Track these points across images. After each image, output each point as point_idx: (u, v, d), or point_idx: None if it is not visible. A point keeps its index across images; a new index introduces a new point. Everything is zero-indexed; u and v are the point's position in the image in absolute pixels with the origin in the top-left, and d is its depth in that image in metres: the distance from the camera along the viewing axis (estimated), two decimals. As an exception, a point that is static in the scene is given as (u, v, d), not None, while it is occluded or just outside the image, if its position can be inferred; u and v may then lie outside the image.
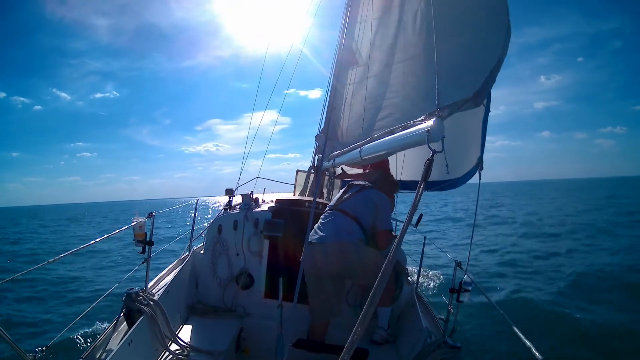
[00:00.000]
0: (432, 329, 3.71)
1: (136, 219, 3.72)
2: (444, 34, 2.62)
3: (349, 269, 3.79)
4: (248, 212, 4.64)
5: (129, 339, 2.99)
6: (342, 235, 3.74)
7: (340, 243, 3.71)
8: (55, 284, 12.84)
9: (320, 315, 3.89)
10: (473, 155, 4.54)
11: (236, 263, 4.58)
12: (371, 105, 4.00)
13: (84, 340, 7.14)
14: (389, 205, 4.11)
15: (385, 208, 3.99)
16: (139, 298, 3.39)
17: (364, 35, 4.70)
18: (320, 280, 3.77)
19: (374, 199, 3.94)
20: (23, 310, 10.10)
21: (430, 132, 1.80)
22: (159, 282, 4.52)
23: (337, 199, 4.16)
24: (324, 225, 3.87)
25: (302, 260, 3.83)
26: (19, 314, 9.83)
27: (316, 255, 3.75)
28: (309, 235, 3.80)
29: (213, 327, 4.11)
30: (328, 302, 3.83)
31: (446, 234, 22.46)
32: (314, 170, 6.25)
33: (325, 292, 3.79)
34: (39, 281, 12.74)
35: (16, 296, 11.20)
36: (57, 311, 10.04)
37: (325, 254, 3.70)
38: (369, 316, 1.52)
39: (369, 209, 3.90)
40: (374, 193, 4.00)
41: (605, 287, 10.37)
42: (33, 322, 9.22)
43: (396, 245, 1.61)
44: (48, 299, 11.26)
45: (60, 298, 11.29)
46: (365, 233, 3.84)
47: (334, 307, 3.88)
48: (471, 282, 3.40)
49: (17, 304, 10.68)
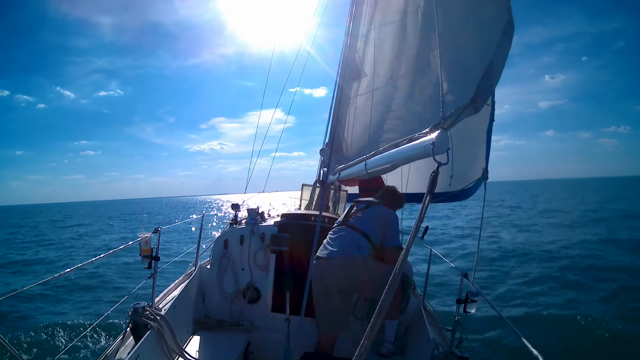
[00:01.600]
0: (440, 340, 3.70)
1: (142, 234, 3.74)
2: (448, 46, 2.64)
3: (358, 284, 3.78)
4: (254, 227, 4.65)
5: (135, 354, 2.99)
6: (352, 250, 3.76)
7: (350, 258, 3.72)
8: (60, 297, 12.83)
9: (327, 329, 3.87)
10: (478, 165, 4.54)
11: (242, 277, 4.59)
12: (376, 118, 4.02)
13: (91, 355, 7.13)
14: (397, 221, 4.13)
15: (394, 224, 4.02)
16: (145, 313, 3.40)
17: (366, 48, 4.74)
18: (329, 295, 3.76)
19: (383, 215, 3.96)
20: (25, 324, 10.09)
21: (435, 145, 1.81)
22: (165, 297, 4.53)
23: (345, 216, 4.18)
24: (334, 241, 3.88)
25: (311, 275, 3.83)
26: (22, 326, 9.82)
27: (325, 269, 3.75)
28: (314, 250, 3.80)
29: (220, 341, 4.11)
30: (336, 316, 3.82)
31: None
32: (320, 184, 6.27)
33: (333, 306, 3.78)
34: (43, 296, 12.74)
35: (20, 308, 11.19)
36: (63, 326, 10.02)
37: (334, 268, 3.70)
38: (376, 329, 1.53)
39: (377, 225, 3.92)
40: (382, 210, 4.03)
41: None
42: (37, 337, 9.20)
43: (402, 258, 1.62)
44: (50, 313, 11.25)
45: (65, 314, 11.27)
46: (375, 248, 3.85)
47: (342, 321, 3.86)
48: (477, 293, 3.39)
49: (19, 316, 10.67)
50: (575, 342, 7.47)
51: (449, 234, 22.64)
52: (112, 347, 3.41)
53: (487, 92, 2.10)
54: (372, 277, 3.68)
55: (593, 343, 7.39)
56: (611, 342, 7.41)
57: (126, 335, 3.50)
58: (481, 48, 2.43)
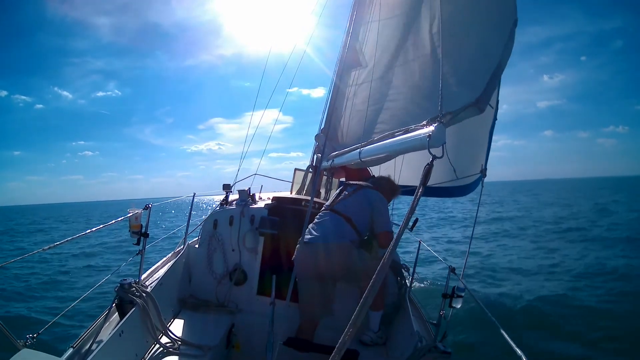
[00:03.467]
0: (423, 333, 3.72)
1: (132, 210, 3.72)
2: (451, 40, 2.62)
3: (338, 272, 3.78)
4: (244, 208, 4.64)
5: (119, 330, 2.99)
6: (333, 237, 3.73)
7: (331, 245, 3.69)
8: (48, 274, 12.81)
9: (309, 315, 3.88)
10: (478, 163, 4.55)
11: (231, 259, 4.58)
12: (373, 107, 4.00)
13: (75, 329, 7.12)
14: (386, 205, 4.08)
15: (383, 209, 3.96)
16: (131, 289, 3.39)
17: (369, 36, 4.69)
18: (310, 280, 3.77)
19: (371, 199, 3.91)
20: (15, 299, 10.08)
21: (432, 138, 1.79)
22: (152, 274, 4.52)
23: (333, 199, 4.14)
24: (317, 226, 3.86)
25: (294, 259, 3.83)
26: (10, 302, 9.82)
27: (307, 255, 3.73)
28: (304, 235, 3.80)
29: (204, 322, 4.11)
30: (317, 302, 3.83)
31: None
32: (313, 169, 6.24)
33: (314, 292, 3.79)
34: (33, 270, 12.72)
35: (8, 286, 11.17)
36: (50, 301, 10.02)
37: (315, 255, 3.69)
38: (362, 317, 1.52)
39: (364, 210, 3.87)
40: (371, 193, 3.97)
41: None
42: (25, 311, 9.20)
43: (391, 248, 1.61)
44: (40, 289, 11.24)
45: (53, 288, 11.27)
46: (360, 234, 3.82)
47: (323, 308, 3.86)
48: (464, 288, 3.41)
49: (9, 293, 10.65)
50: (562, 339, 7.55)
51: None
52: (96, 323, 3.40)
53: (491, 93, 2.09)
54: (354, 266, 3.69)
55: (580, 340, 7.48)
56: (603, 339, 7.49)
57: (111, 311, 3.49)
58: (488, 47, 2.42)
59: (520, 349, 2.12)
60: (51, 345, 6.32)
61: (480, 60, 2.47)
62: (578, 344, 7.35)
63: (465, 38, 2.75)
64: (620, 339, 7.39)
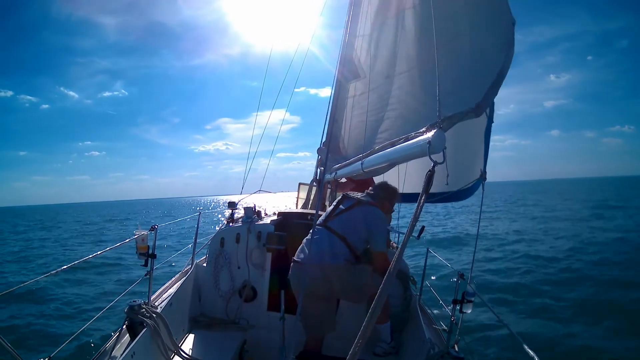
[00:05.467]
0: (435, 340, 3.70)
1: (138, 232, 3.73)
2: (446, 45, 2.65)
3: (333, 290, 3.70)
4: (251, 225, 4.65)
5: (131, 352, 2.99)
6: (325, 258, 3.58)
7: (323, 267, 3.56)
8: (57, 296, 12.78)
9: (311, 331, 3.83)
10: (477, 166, 4.54)
11: (239, 276, 4.59)
12: (373, 117, 4.02)
13: (86, 352, 7.11)
14: (385, 223, 3.90)
15: (380, 227, 3.76)
16: (141, 310, 3.39)
17: (365, 48, 4.74)
18: (307, 298, 3.51)
19: (368, 218, 3.74)
20: (24, 321, 10.07)
21: (432, 144, 1.80)
22: (161, 295, 4.52)
23: (328, 213, 3.99)
24: (309, 244, 3.70)
25: (289, 277, 3.76)
26: (21, 323, 9.81)
27: (299, 275, 3.62)
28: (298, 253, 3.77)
29: (216, 340, 4.11)
30: (317, 319, 3.76)
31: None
32: (317, 183, 6.27)
33: (313, 309, 3.68)
34: (42, 292, 12.70)
35: (17, 308, 11.15)
36: (60, 323, 10.00)
37: (308, 275, 3.51)
38: (370, 328, 1.53)
39: (360, 228, 3.71)
40: (368, 210, 3.80)
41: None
42: (36, 334, 9.18)
43: (397, 257, 1.61)
44: (50, 310, 11.22)
45: (63, 309, 11.24)
46: (355, 253, 3.67)
47: (325, 324, 3.81)
48: (474, 293, 3.39)
49: (19, 315, 10.64)
50: (571, 343, 7.46)
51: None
52: (107, 345, 3.41)
53: (492, 99, 2.11)
54: (351, 284, 3.60)
55: (591, 345, 7.38)
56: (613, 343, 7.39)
57: (122, 333, 3.49)
58: (487, 53, 2.44)
59: (534, 351, 2.12)
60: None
61: (478, 65, 2.50)
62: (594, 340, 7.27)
63: (461, 43, 2.78)
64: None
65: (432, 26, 2.51)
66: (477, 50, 2.64)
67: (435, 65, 2.19)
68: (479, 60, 2.54)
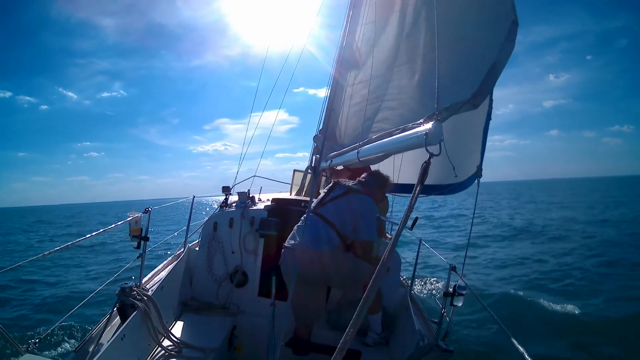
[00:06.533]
0: (425, 332, 3.72)
1: (132, 214, 3.71)
2: (445, 37, 2.62)
3: (324, 277, 3.69)
4: (244, 210, 4.64)
5: (121, 334, 2.99)
6: (316, 244, 3.58)
7: (313, 252, 3.55)
8: (50, 278, 12.79)
9: (300, 318, 3.85)
10: (473, 162, 4.53)
11: (231, 261, 4.59)
12: (371, 107, 4.00)
13: (77, 333, 7.13)
14: (374, 212, 3.82)
15: (368, 217, 3.71)
16: (132, 293, 3.39)
17: (365, 37, 4.70)
18: (296, 285, 3.61)
19: (357, 207, 3.71)
20: (16, 303, 10.07)
21: (428, 135, 1.79)
22: (153, 278, 4.52)
23: (319, 200, 3.97)
24: (300, 230, 3.71)
25: (280, 264, 3.76)
26: (12, 306, 9.81)
27: (290, 260, 3.62)
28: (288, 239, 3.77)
29: (206, 324, 4.12)
30: (306, 305, 3.77)
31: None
32: (312, 170, 6.25)
33: (303, 296, 3.69)
34: (35, 274, 12.71)
35: (10, 289, 11.16)
36: (51, 305, 10.01)
37: (297, 260, 3.55)
38: (362, 318, 1.53)
39: (349, 217, 3.68)
40: (358, 199, 3.77)
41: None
42: (27, 315, 9.20)
43: (390, 248, 1.61)
44: (42, 291, 11.23)
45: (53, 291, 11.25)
46: (344, 240, 3.66)
47: (314, 311, 3.83)
48: (465, 287, 3.40)
49: (11, 296, 10.65)
50: (562, 337, 7.52)
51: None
52: (98, 327, 3.41)
53: (488, 91, 2.09)
54: (340, 271, 3.59)
55: (580, 339, 7.44)
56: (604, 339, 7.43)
57: (113, 315, 3.49)
58: (485, 46, 2.42)
59: (522, 346, 2.13)
60: (53, 350, 6.33)
61: (476, 58, 2.48)
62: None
63: (461, 37, 2.75)
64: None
65: (434, 18, 2.48)
66: (477, 44, 2.61)
67: (436, 57, 2.17)
68: (478, 52, 2.52)
